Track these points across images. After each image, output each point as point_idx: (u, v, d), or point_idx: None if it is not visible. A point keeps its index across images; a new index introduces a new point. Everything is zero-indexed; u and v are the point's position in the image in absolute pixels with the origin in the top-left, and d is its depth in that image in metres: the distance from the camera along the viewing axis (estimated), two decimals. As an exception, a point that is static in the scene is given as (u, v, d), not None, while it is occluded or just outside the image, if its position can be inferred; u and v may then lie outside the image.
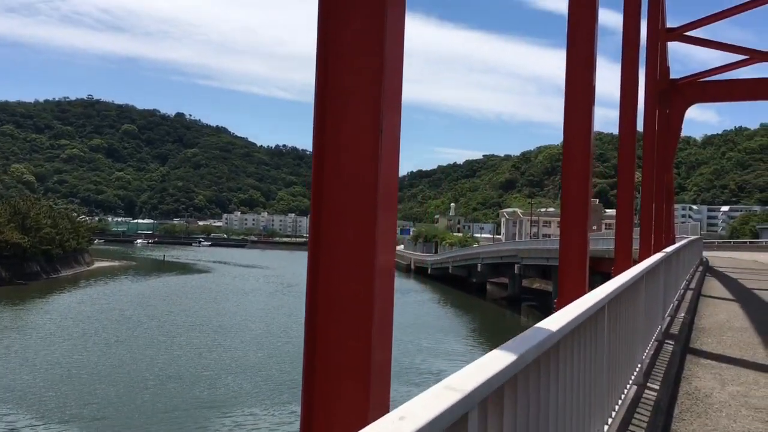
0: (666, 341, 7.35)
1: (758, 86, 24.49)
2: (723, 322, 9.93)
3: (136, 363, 33.05)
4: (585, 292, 7.89)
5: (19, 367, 31.60)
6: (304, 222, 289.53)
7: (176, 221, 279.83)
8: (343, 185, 2.86)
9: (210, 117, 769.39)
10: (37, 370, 30.90)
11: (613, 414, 4.38)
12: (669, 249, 8.61)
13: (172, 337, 40.87)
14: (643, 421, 4.56)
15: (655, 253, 12.42)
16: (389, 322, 2.90)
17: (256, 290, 73.54)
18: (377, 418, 1.54)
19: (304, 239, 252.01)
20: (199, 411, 25.44)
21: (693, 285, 14.99)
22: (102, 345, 37.71)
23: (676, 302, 11.18)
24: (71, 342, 38.40)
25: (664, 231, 25.31)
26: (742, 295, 14.75)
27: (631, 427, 4.43)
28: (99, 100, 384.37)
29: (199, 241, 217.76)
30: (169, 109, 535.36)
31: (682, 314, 9.79)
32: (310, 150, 2.93)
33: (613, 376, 4.41)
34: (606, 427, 4.14)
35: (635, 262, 8.81)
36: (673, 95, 24.93)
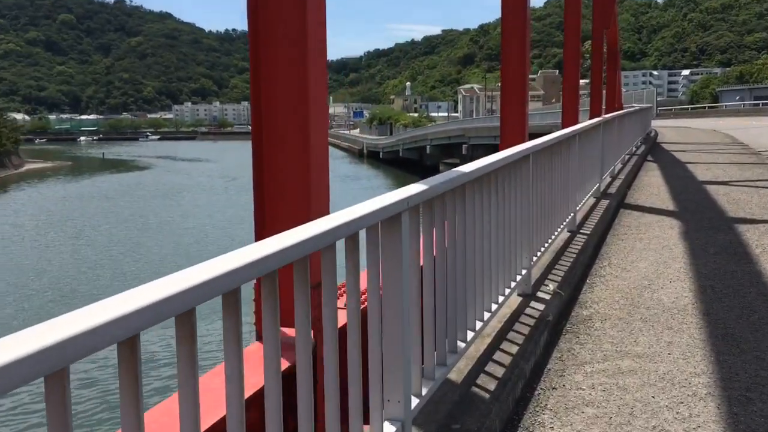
0: None
1: None
2: (634, 298, 5.00)
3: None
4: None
5: None
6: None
7: (124, 115, 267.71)
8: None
9: (152, 2, 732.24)
10: None
11: None
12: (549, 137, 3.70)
13: (74, 245, 36.11)
14: None
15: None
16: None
17: (193, 187, 67.86)
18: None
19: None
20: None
21: (617, 184, 10.07)
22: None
23: (567, 234, 6.32)
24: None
25: (606, 101, 20.69)
26: (686, 200, 9.58)
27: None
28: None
29: (146, 135, 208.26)
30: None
31: (552, 283, 4.89)
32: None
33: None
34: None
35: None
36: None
